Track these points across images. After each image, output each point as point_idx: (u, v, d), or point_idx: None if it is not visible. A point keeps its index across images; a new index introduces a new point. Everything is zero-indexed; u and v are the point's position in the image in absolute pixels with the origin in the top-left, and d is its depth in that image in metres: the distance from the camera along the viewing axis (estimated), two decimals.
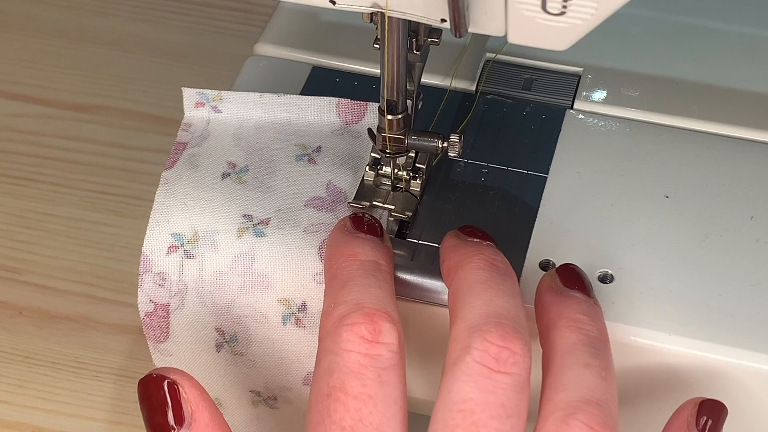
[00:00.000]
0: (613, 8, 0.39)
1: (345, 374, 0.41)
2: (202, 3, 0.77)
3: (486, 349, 0.41)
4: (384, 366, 0.42)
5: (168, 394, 0.42)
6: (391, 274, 0.46)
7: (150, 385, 0.42)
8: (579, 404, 0.41)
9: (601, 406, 0.41)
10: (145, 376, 0.42)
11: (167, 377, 0.42)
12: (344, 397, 0.41)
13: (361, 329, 0.42)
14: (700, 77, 0.55)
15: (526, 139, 0.53)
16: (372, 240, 0.46)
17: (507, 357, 0.41)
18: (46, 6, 0.77)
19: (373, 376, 0.41)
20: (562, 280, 0.45)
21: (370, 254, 0.45)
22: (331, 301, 0.43)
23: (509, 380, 0.41)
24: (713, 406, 0.44)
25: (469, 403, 0.41)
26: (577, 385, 0.42)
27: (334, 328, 0.42)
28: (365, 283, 0.44)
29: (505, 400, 0.41)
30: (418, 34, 0.47)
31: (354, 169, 0.50)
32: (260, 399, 0.50)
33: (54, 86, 0.73)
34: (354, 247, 0.45)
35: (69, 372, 0.61)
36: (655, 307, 0.47)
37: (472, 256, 0.44)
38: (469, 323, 0.42)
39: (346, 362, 0.41)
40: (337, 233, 0.46)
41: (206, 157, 0.51)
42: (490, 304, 0.42)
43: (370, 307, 0.42)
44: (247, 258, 0.47)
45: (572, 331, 0.43)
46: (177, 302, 0.48)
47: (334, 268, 0.45)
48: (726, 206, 0.50)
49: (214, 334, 0.48)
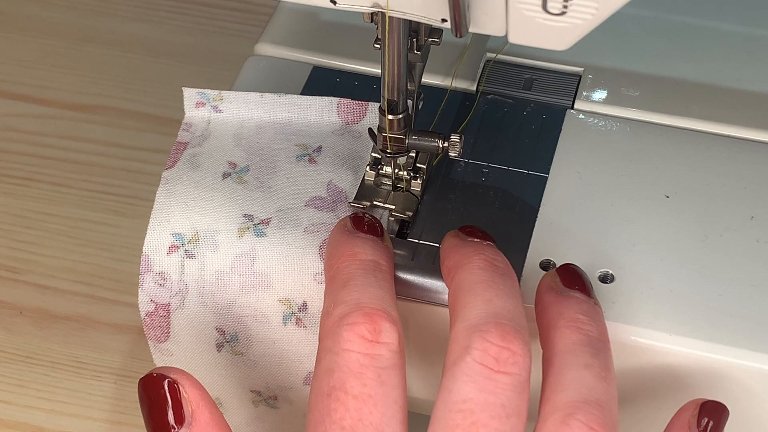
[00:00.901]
0: (613, 8, 0.39)
1: (345, 374, 0.41)
2: (202, 3, 0.77)
3: (486, 349, 0.41)
4: (384, 366, 0.42)
5: (168, 394, 0.42)
6: (391, 273, 0.46)
7: (150, 384, 0.42)
8: (579, 404, 0.41)
9: (601, 406, 0.41)
10: (145, 376, 0.42)
11: (168, 376, 0.42)
12: (344, 396, 0.41)
13: (361, 329, 0.42)
14: (700, 77, 0.55)
15: (526, 139, 0.53)
16: (372, 240, 0.46)
17: (507, 357, 0.41)
18: (46, 6, 0.77)
19: (373, 375, 0.41)
20: (563, 280, 0.45)
21: (370, 254, 0.45)
22: (331, 301, 0.43)
23: (509, 380, 0.41)
24: (714, 407, 0.44)
25: (469, 403, 0.41)
26: (577, 386, 0.42)
27: (335, 327, 0.42)
28: (365, 282, 0.44)
29: (505, 400, 0.41)
30: (418, 34, 0.47)
31: (354, 169, 0.50)
32: (261, 399, 0.50)
33: (54, 86, 0.73)
34: (354, 246, 0.45)
35: (69, 372, 0.61)
36: (655, 307, 0.47)
37: (472, 256, 0.45)
38: (468, 323, 0.42)
39: (347, 362, 0.41)
40: (337, 233, 0.46)
41: (207, 157, 0.51)
42: (490, 304, 0.42)
43: (370, 307, 0.42)
44: (247, 258, 0.47)
45: (572, 331, 0.43)
46: (178, 302, 0.48)
47: (335, 268, 0.45)
48: (726, 206, 0.50)
49: (215, 334, 0.48)
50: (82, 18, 0.77)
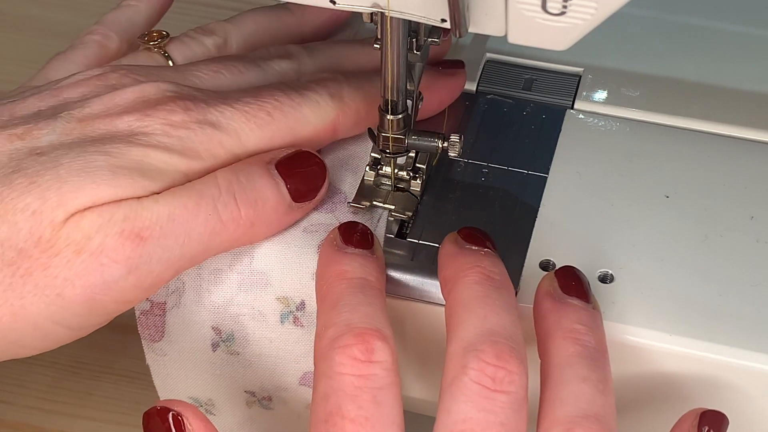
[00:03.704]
0: (613, 8, 0.39)
1: (340, 398, 0.41)
2: (202, 3, 0.77)
3: (482, 369, 0.41)
4: (379, 386, 0.42)
5: (173, 426, 0.42)
6: (381, 288, 0.45)
7: (155, 417, 0.42)
8: (577, 419, 0.41)
9: (600, 420, 0.41)
10: (149, 409, 0.43)
11: (172, 409, 0.42)
12: (341, 421, 0.41)
13: (353, 350, 0.42)
14: (700, 77, 0.55)
15: (526, 139, 0.53)
16: (361, 255, 0.46)
17: (503, 376, 0.41)
18: (46, 6, 0.77)
19: (368, 397, 0.41)
20: (561, 284, 0.45)
21: (358, 271, 0.45)
22: (322, 324, 0.43)
23: (507, 399, 0.41)
24: (715, 416, 0.44)
25: (469, 422, 0.41)
26: (576, 400, 0.42)
27: (327, 351, 0.42)
28: (354, 302, 0.43)
29: (504, 418, 0.41)
30: (418, 34, 0.47)
31: (354, 169, 0.50)
32: (255, 399, 0.50)
33: None
34: (342, 265, 0.45)
35: (69, 372, 0.61)
36: (654, 307, 0.47)
37: (468, 270, 0.44)
38: (464, 342, 0.42)
39: (341, 385, 0.41)
40: (326, 250, 0.46)
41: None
42: (485, 321, 0.42)
43: (360, 327, 0.42)
44: (246, 256, 0.47)
45: (570, 343, 0.43)
46: (174, 300, 0.48)
47: (324, 289, 0.45)
48: (726, 206, 0.50)
49: (211, 333, 0.48)
50: (82, 18, 0.76)
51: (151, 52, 0.51)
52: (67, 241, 0.42)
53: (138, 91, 0.46)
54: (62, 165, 0.43)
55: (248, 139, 0.46)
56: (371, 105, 0.49)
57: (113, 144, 0.44)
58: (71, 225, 0.42)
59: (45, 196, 0.42)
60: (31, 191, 0.42)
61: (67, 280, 0.42)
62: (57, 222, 0.42)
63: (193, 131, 0.45)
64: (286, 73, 0.51)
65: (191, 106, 0.46)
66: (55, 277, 0.42)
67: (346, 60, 0.52)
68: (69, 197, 0.42)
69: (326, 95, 0.48)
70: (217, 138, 0.46)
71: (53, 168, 0.43)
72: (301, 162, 0.47)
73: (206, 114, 0.46)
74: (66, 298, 0.42)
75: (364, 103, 0.49)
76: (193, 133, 0.45)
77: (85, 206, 0.42)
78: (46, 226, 0.42)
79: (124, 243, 0.42)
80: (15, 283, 0.42)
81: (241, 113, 0.46)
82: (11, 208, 0.42)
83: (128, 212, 0.43)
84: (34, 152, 0.44)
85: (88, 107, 0.45)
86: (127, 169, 0.43)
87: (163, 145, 0.44)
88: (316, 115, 0.48)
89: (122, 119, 0.45)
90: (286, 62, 0.51)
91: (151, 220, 0.43)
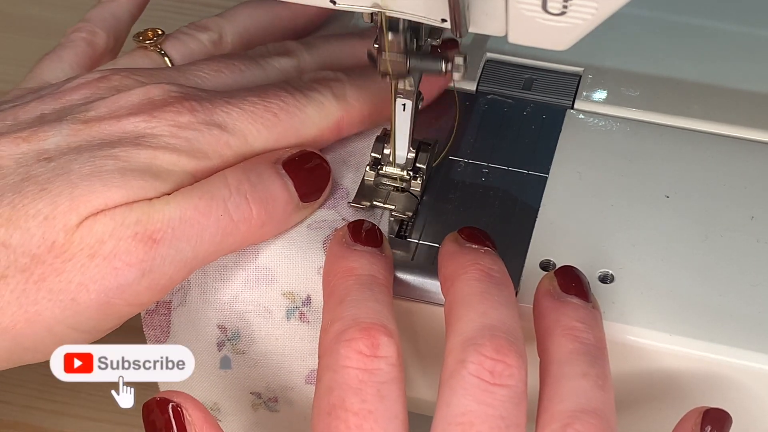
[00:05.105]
0: (613, 8, 0.39)
1: (344, 391, 0.41)
2: (202, 3, 0.77)
3: (481, 362, 0.41)
4: (383, 380, 0.42)
5: (173, 418, 0.42)
6: (389, 286, 0.46)
7: (154, 408, 0.42)
8: (577, 414, 0.41)
9: (599, 415, 0.41)
10: (149, 400, 0.43)
11: (171, 400, 0.42)
12: (344, 414, 0.41)
13: (359, 344, 0.42)
14: (700, 77, 0.55)
15: (526, 139, 0.53)
16: (369, 253, 0.46)
17: (502, 370, 0.41)
18: (46, 6, 0.77)
19: (372, 391, 0.41)
20: (560, 283, 0.45)
21: (366, 268, 0.45)
22: (329, 318, 0.43)
23: (506, 392, 0.41)
24: (717, 415, 0.44)
25: (469, 415, 0.41)
26: (575, 395, 0.42)
27: (333, 344, 0.42)
28: (362, 297, 0.44)
29: (503, 411, 0.41)
30: (418, 34, 0.47)
31: (355, 165, 0.51)
32: (261, 401, 0.50)
33: None
34: (351, 262, 0.45)
35: None
36: (655, 307, 0.47)
37: (468, 267, 0.44)
38: (463, 336, 0.42)
39: (345, 379, 0.41)
40: (334, 246, 0.46)
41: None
42: (484, 316, 0.42)
43: (367, 322, 0.42)
44: (251, 252, 0.47)
45: (569, 340, 0.43)
46: (179, 299, 0.48)
47: (332, 284, 0.45)
48: (726, 206, 0.50)
49: (216, 332, 0.48)
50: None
51: (147, 50, 0.51)
52: (80, 245, 0.42)
53: (143, 93, 0.46)
54: (72, 170, 0.43)
55: (255, 140, 0.46)
56: (375, 104, 0.49)
57: (121, 147, 0.44)
58: (84, 229, 0.42)
59: (56, 201, 0.42)
60: (42, 197, 0.42)
61: (81, 285, 0.42)
62: (70, 226, 0.42)
63: (200, 132, 0.45)
64: (287, 70, 0.51)
65: (197, 107, 0.46)
66: (69, 282, 0.42)
67: (344, 54, 0.53)
68: (81, 201, 0.42)
69: (330, 96, 0.48)
70: (224, 139, 0.46)
71: (63, 174, 0.43)
72: (307, 162, 0.47)
73: (212, 115, 0.46)
74: (80, 302, 0.42)
75: (368, 103, 0.49)
76: (200, 134, 0.45)
77: (98, 210, 0.42)
78: (59, 231, 0.42)
79: (138, 246, 0.42)
80: (29, 289, 0.42)
81: (248, 114, 0.46)
82: (23, 215, 0.42)
83: (140, 215, 0.43)
84: (42, 157, 0.44)
85: (93, 110, 0.46)
86: (137, 171, 0.43)
87: (171, 146, 0.44)
88: (321, 115, 0.48)
89: (129, 121, 0.45)
90: (285, 59, 0.51)
91: (163, 222, 0.43)
